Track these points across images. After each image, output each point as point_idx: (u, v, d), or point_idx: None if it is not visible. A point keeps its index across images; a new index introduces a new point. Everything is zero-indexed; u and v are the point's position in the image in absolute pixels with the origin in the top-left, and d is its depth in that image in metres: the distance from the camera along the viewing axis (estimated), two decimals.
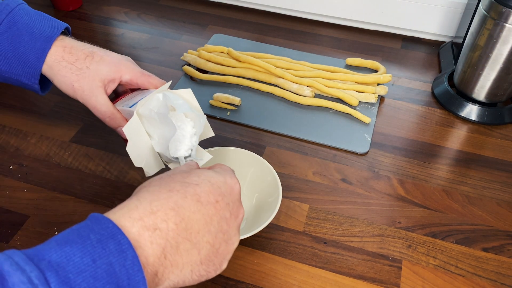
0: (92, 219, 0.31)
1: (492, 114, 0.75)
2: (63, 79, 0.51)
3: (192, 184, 0.36)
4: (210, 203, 0.36)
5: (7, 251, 0.27)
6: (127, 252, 0.29)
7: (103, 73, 0.51)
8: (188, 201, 0.35)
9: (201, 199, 0.35)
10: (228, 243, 0.38)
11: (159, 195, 0.34)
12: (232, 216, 0.38)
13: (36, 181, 0.62)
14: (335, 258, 0.55)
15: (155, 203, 0.33)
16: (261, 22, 0.99)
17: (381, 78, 0.79)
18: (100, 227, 0.30)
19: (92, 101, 0.51)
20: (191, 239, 0.34)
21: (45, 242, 0.29)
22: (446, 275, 0.53)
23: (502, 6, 0.65)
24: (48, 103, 0.75)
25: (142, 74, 0.54)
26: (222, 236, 0.37)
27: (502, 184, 0.65)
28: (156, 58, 0.86)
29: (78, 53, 0.51)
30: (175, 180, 0.36)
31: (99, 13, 1.00)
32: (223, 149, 0.61)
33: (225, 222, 0.37)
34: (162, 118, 0.48)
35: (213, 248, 0.36)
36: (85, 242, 0.29)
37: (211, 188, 0.37)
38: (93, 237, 0.29)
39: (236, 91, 0.79)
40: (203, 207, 0.35)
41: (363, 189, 0.63)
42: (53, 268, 0.27)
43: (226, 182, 0.38)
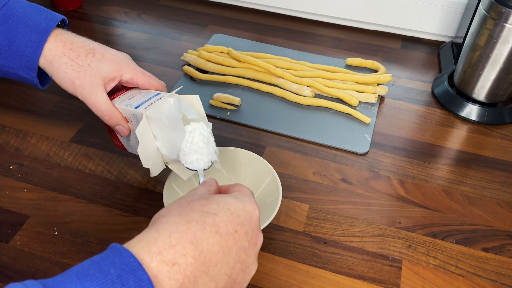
0: (114, 251, 0.30)
1: (492, 114, 0.75)
2: (63, 75, 0.50)
3: (211, 214, 0.35)
4: (228, 234, 0.35)
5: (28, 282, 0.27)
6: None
7: (104, 71, 0.51)
8: (207, 233, 0.34)
9: (220, 230, 0.34)
10: (246, 272, 0.37)
11: (178, 227, 0.33)
12: (250, 245, 0.37)
13: (36, 181, 0.62)
14: (335, 258, 0.55)
15: (174, 236, 0.32)
16: (261, 22, 0.99)
17: (381, 78, 0.79)
18: (121, 261, 0.29)
19: (92, 99, 0.51)
20: (209, 272, 0.33)
21: (66, 272, 0.29)
22: (446, 275, 0.53)
23: (502, 6, 0.65)
24: (48, 103, 0.75)
25: (143, 74, 0.54)
26: (240, 266, 0.36)
27: (502, 184, 0.65)
28: (156, 58, 0.86)
29: (79, 49, 0.51)
30: (194, 209, 0.35)
31: (99, 13, 1.00)
32: (223, 149, 0.61)
33: (244, 252, 0.36)
34: (172, 123, 0.47)
35: (231, 279, 0.35)
36: (105, 277, 0.28)
37: (230, 217, 0.36)
38: (114, 271, 0.28)
39: (236, 91, 0.79)
40: (222, 238, 0.34)
41: (363, 189, 0.63)
42: None
43: (246, 209, 0.37)
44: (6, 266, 0.52)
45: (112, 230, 0.56)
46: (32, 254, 0.53)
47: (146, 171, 0.64)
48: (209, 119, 0.73)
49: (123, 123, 0.52)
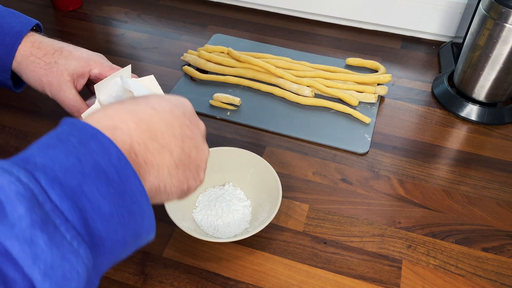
0: (68, 123, 0.30)
1: (492, 114, 0.75)
2: (31, 74, 0.51)
3: (143, 98, 0.36)
4: (165, 111, 0.35)
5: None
6: (111, 150, 0.29)
7: (71, 67, 0.51)
8: (142, 106, 0.34)
9: (155, 107, 0.35)
10: (198, 150, 0.38)
11: (112, 106, 0.34)
12: (192, 125, 0.38)
13: None
14: (335, 258, 0.55)
15: (109, 111, 0.33)
16: (261, 22, 0.99)
17: (381, 78, 0.79)
18: (79, 130, 0.29)
19: (60, 95, 0.52)
20: (157, 139, 0.34)
21: (24, 149, 0.29)
22: (446, 275, 0.53)
23: (502, 6, 0.65)
24: (48, 103, 0.74)
25: (111, 67, 0.54)
26: (190, 142, 0.37)
27: (502, 184, 0.65)
28: (156, 58, 0.86)
29: (46, 47, 0.52)
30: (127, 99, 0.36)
31: (99, 13, 1.00)
32: (223, 149, 0.61)
33: (188, 129, 0.37)
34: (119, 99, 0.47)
35: (184, 152, 0.36)
36: (66, 144, 0.28)
37: (161, 99, 0.37)
38: (74, 139, 0.29)
39: (236, 91, 0.79)
40: (158, 113, 0.35)
41: (363, 189, 0.63)
42: (40, 169, 0.26)
43: (176, 97, 0.39)
44: None
45: None
46: None
47: None
48: (209, 119, 0.74)
49: None
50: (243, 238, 0.51)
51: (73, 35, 0.92)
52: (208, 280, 0.52)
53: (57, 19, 0.97)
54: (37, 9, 1.00)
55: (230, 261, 0.54)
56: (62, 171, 0.27)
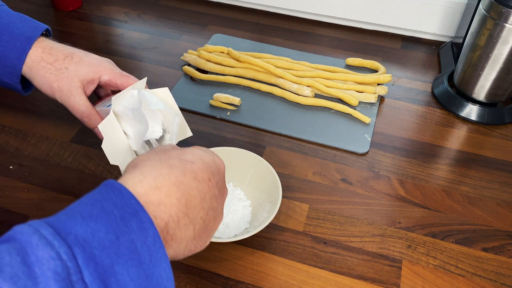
0: (114, 190, 0.31)
1: (492, 114, 0.75)
2: (42, 79, 0.51)
3: (189, 162, 0.37)
4: (204, 181, 0.37)
5: (33, 222, 0.28)
6: (148, 230, 0.30)
7: (81, 73, 0.52)
8: (187, 177, 0.36)
9: (197, 176, 0.36)
10: (216, 220, 0.39)
11: (161, 170, 0.35)
12: (220, 194, 0.39)
13: (36, 181, 0.62)
14: (335, 258, 0.55)
15: (159, 179, 0.34)
16: (261, 22, 0.99)
17: (381, 78, 0.79)
18: (124, 203, 0.30)
19: (70, 101, 0.52)
20: (189, 214, 0.35)
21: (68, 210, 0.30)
22: (446, 275, 0.53)
23: (502, 6, 0.65)
24: (48, 103, 0.75)
25: (121, 74, 0.54)
26: (212, 213, 0.38)
27: (502, 184, 0.65)
28: (156, 58, 0.86)
29: (57, 53, 0.52)
30: (172, 157, 0.37)
31: (99, 13, 1.00)
32: (223, 149, 0.61)
33: (215, 200, 0.38)
34: (135, 114, 0.48)
35: (204, 224, 0.37)
36: (109, 218, 0.29)
37: (204, 167, 0.38)
38: (117, 213, 0.30)
39: (236, 91, 0.79)
40: (199, 184, 0.36)
41: (363, 189, 0.63)
42: (80, 244, 0.27)
43: (215, 161, 0.40)
44: None
45: None
46: None
47: None
48: (209, 119, 0.74)
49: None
50: (243, 238, 0.51)
51: (73, 35, 0.92)
52: (208, 280, 0.52)
53: (57, 19, 0.97)
54: (37, 9, 1.00)
55: (230, 261, 0.54)
56: (100, 249, 0.28)
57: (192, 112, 0.74)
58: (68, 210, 0.30)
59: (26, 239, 0.26)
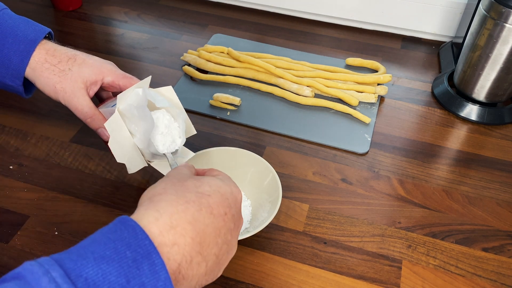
0: (128, 228, 0.31)
1: (492, 114, 0.75)
2: (45, 80, 0.52)
3: (205, 195, 0.36)
4: (220, 215, 0.36)
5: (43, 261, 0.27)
6: (160, 274, 0.30)
7: (85, 75, 0.52)
8: (203, 214, 0.35)
9: (213, 211, 0.36)
10: (229, 253, 0.38)
11: (177, 207, 0.34)
12: (235, 227, 0.38)
13: (36, 181, 0.62)
14: (335, 258, 0.55)
15: (174, 217, 0.33)
16: (261, 22, 0.99)
17: (381, 78, 0.79)
18: (137, 244, 0.30)
19: (74, 102, 0.52)
20: (202, 252, 0.34)
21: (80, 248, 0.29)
22: (446, 275, 0.53)
23: (502, 6, 0.65)
24: (48, 103, 0.74)
25: (124, 76, 0.54)
26: (226, 247, 0.37)
27: (502, 184, 0.65)
28: (156, 58, 0.86)
29: (60, 55, 0.52)
30: (189, 189, 0.36)
31: (99, 13, 1.00)
32: (223, 149, 0.61)
33: (230, 233, 0.37)
34: (140, 112, 0.48)
35: (217, 259, 0.36)
36: (121, 260, 0.29)
37: (221, 199, 0.37)
38: (129, 254, 0.29)
39: (236, 91, 0.79)
40: (215, 219, 0.35)
41: (363, 189, 0.63)
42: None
43: (232, 192, 0.39)
44: (6, 266, 0.52)
45: None
46: (32, 254, 0.53)
47: (146, 171, 0.64)
48: (209, 119, 0.74)
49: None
50: (243, 238, 0.51)
51: (73, 35, 0.92)
52: None
53: (57, 19, 0.97)
54: (37, 9, 1.00)
55: (230, 261, 0.53)
56: None
57: (192, 112, 0.74)
58: (80, 248, 0.29)
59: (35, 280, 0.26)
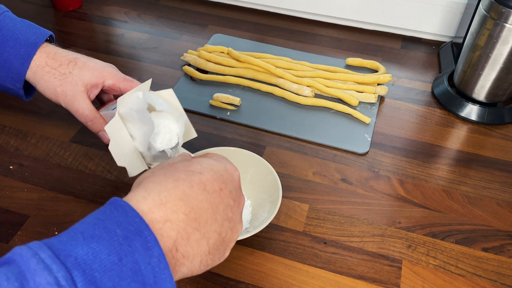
0: (118, 208, 0.30)
1: (492, 114, 0.75)
2: (46, 84, 0.52)
3: (196, 173, 0.36)
4: (215, 192, 0.35)
5: (33, 244, 0.27)
6: (153, 250, 0.29)
7: (85, 78, 0.52)
8: (195, 189, 0.34)
9: (207, 187, 0.35)
10: (233, 231, 0.37)
11: (166, 185, 0.34)
12: (235, 204, 0.38)
13: (36, 181, 0.62)
14: (335, 258, 0.55)
15: (163, 194, 0.33)
16: (261, 22, 0.99)
17: (381, 78, 0.79)
18: (127, 222, 0.29)
19: (74, 105, 0.52)
20: (200, 229, 0.33)
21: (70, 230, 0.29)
22: (446, 275, 0.53)
23: (502, 6, 0.65)
24: (48, 103, 0.74)
25: (124, 79, 0.54)
26: (228, 224, 0.36)
27: (502, 184, 0.65)
28: (156, 58, 0.86)
29: (61, 58, 0.52)
30: (179, 169, 0.36)
31: (99, 13, 1.00)
32: (223, 149, 0.61)
33: (230, 210, 0.37)
34: (141, 115, 0.48)
35: (220, 237, 0.36)
36: (111, 239, 0.28)
37: (214, 176, 0.36)
38: (120, 232, 0.29)
39: (236, 91, 0.79)
40: (209, 195, 0.35)
41: (363, 189, 0.63)
42: (80, 267, 0.26)
43: (227, 169, 0.38)
44: None
45: None
46: None
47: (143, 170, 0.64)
48: (209, 119, 0.74)
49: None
50: (243, 238, 0.51)
51: (73, 35, 0.92)
52: (208, 280, 0.52)
53: (57, 19, 0.97)
54: (37, 9, 1.00)
55: (230, 261, 0.54)
56: (101, 271, 0.27)
57: (192, 112, 0.74)
58: (71, 230, 0.29)
59: (24, 262, 0.26)
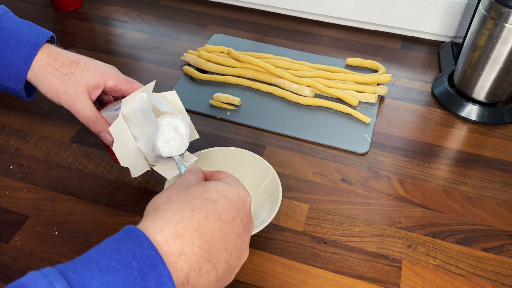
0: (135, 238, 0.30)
1: (492, 114, 0.75)
2: (48, 84, 0.52)
3: (212, 201, 0.36)
4: (228, 221, 0.36)
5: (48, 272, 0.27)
6: (166, 285, 0.29)
7: (88, 79, 0.52)
8: (210, 220, 0.34)
9: (221, 217, 0.35)
10: (240, 258, 0.38)
11: (183, 215, 0.34)
12: (245, 231, 0.38)
13: (36, 181, 0.62)
14: (335, 258, 0.55)
15: (180, 225, 0.33)
16: (261, 22, 0.99)
17: (381, 78, 0.79)
18: (143, 254, 0.30)
19: (76, 106, 0.52)
20: (211, 260, 0.34)
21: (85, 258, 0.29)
22: (446, 275, 0.53)
23: (502, 6, 0.65)
24: (48, 103, 0.74)
25: (126, 80, 0.54)
26: (236, 253, 0.37)
27: (502, 184, 0.65)
28: (156, 58, 0.86)
29: (63, 59, 0.52)
30: (195, 196, 0.36)
31: (99, 13, 1.00)
32: (223, 149, 0.61)
33: (240, 238, 0.37)
34: (145, 116, 0.48)
35: (228, 265, 0.36)
36: (126, 271, 0.29)
37: (228, 204, 0.36)
38: (135, 265, 0.29)
39: (236, 91, 0.79)
40: (223, 225, 0.35)
41: (363, 189, 0.63)
42: None
43: (240, 195, 0.38)
44: (6, 266, 0.52)
45: (112, 230, 0.56)
46: (32, 254, 0.53)
47: (146, 172, 0.64)
48: (209, 119, 0.74)
49: (107, 129, 0.53)
50: None
51: (73, 35, 0.92)
52: None
53: (57, 19, 0.97)
54: (37, 9, 1.00)
55: None
56: None
57: (192, 112, 0.74)
58: (85, 259, 0.29)
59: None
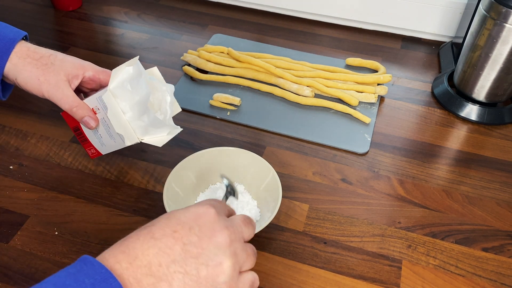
0: (87, 263, 0.33)
1: (492, 114, 0.75)
2: (28, 74, 0.52)
3: (148, 226, 0.37)
4: (165, 236, 0.35)
5: None
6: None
7: (67, 69, 0.54)
8: (141, 241, 0.35)
9: (154, 235, 0.35)
10: (210, 266, 0.35)
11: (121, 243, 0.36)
12: (203, 239, 0.36)
13: (36, 181, 0.62)
14: (335, 258, 0.55)
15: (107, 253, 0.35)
16: (261, 22, 0.99)
17: (381, 78, 0.79)
18: (94, 272, 0.32)
19: (58, 93, 0.53)
20: (153, 273, 0.34)
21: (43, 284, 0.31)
22: (446, 275, 0.53)
23: (502, 6, 0.65)
24: (48, 103, 0.74)
25: (104, 70, 0.56)
26: (196, 261, 0.35)
27: (502, 184, 0.65)
28: (156, 58, 0.86)
29: (41, 52, 0.54)
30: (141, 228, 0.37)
31: (99, 13, 1.00)
32: (223, 149, 0.61)
33: (193, 247, 0.35)
34: (134, 84, 0.51)
35: (189, 275, 0.35)
36: (80, 286, 0.31)
37: (166, 222, 0.37)
38: (88, 281, 0.31)
39: (236, 91, 0.79)
40: (158, 241, 0.35)
41: (363, 189, 0.63)
42: None
43: (190, 211, 0.38)
44: (6, 266, 0.52)
45: (112, 230, 0.56)
46: (32, 254, 0.53)
47: (146, 171, 0.64)
48: (209, 119, 0.74)
49: (91, 114, 0.54)
50: None
51: (73, 35, 0.92)
52: None
53: (57, 19, 0.97)
54: (37, 9, 1.00)
55: None
56: None
57: (192, 112, 0.74)
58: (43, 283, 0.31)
59: None
